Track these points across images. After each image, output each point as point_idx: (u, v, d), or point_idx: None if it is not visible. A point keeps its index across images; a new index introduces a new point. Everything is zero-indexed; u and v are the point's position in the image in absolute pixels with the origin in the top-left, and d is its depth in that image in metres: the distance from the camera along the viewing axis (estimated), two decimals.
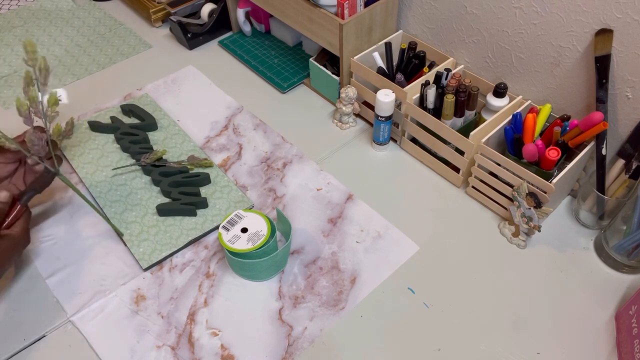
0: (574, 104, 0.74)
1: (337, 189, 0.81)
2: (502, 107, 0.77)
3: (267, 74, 1.02)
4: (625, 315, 0.64)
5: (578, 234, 0.76)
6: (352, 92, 0.87)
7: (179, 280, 0.71)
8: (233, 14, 1.09)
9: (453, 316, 0.67)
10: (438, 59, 0.87)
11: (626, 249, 0.68)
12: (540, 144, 0.69)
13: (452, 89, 0.76)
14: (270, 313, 0.67)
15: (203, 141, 0.90)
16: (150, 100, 0.96)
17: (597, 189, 0.71)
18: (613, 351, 0.63)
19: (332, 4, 0.82)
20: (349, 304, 0.68)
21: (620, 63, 0.66)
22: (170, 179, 0.79)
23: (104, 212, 0.77)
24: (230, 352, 0.64)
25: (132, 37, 1.13)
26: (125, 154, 0.86)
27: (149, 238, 0.74)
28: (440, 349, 0.64)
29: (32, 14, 1.18)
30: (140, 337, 0.65)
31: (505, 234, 0.75)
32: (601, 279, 0.70)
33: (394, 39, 0.89)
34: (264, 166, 0.85)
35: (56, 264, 0.72)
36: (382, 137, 0.85)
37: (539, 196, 0.68)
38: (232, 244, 0.66)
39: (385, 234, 0.75)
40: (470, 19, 0.80)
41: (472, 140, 0.74)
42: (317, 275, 0.71)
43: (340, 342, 0.64)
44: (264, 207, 0.79)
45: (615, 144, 0.72)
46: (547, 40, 0.72)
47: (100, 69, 1.05)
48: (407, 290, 0.69)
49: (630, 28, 0.63)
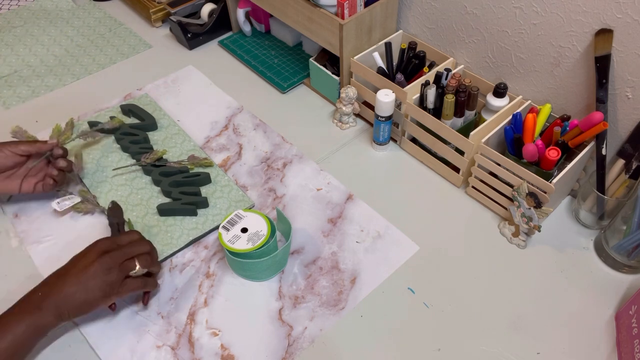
0: (574, 104, 0.74)
1: (337, 189, 0.81)
2: (502, 107, 0.77)
3: (267, 74, 1.02)
4: (625, 315, 0.64)
5: (578, 234, 0.76)
6: (352, 92, 0.87)
7: (179, 280, 0.71)
8: (233, 14, 1.09)
9: (453, 316, 0.67)
10: (438, 59, 0.87)
11: (626, 249, 0.68)
12: (540, 144, 0.69)
13: (452, 89, 0.76)
14: (270, 313, 0.67)
15: (203, 141, 0.90)
16: (150, 100, 0.96)
17: (597, 189, 0.71)
18: (613, 351, 0.63)
19: (332, 4, 0.82)
20: (349, 304, 0.68)
21: (620, 63, 0.66)
22: (171, 179, 0.79)
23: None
24: (230, 352, 0.64)
25: (132, 37, 1.13)
26: (126, 154, 0.86)
27: (150, 238, 0.74)
28: (440, 349, 0.64)
29: (32, 14, 1.18)
30: (140, 337, 0.65)
31: (505, 234, 0.75)
32: (601, 279, 0.70)
33: (394, 39, 0.89)
34: (264, 166, 0.85)
35: (56, 264, 0.72)
36: (382, 137, 0.85)
37: (539, 196, 0.68)
38: (232, 244, 0.66)
39: (385, 234, 0.75)
40: (470, 19, 0.80)
41: (472, 140, 0.74)
42: (317, 275, 0.71)
43: (340, 342, 0.64)
44: (264, 207, 0.79)
45: (615, 144, 0.72)
46: (547, 40, 0.72)
47: (100, 69, 1.05)
48: (407, 290, 0.69)
49: (630, 28, 0.63)
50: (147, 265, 0.64)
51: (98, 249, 0.62)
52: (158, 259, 0.69)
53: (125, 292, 0.62)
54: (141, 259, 0.64)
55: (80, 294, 0.59)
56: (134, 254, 0.64)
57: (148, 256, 0.65)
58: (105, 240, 0.64)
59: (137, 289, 0.64)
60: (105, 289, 0.60)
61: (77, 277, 0.60)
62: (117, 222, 0.75)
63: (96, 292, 0.60)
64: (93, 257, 0.61)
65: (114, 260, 0.61)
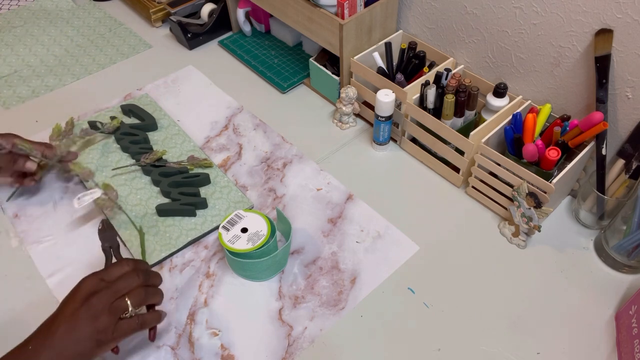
0: (574, 104, 0.74)
1: (337, 189, 0.81)
2: (502, 107, 0.77)
3: (267, 74, 1.02)
4: (625, 315, 0.64)
5: (578, 234, 0.76)
6: (352, 92, 0.87)
7: (179, 280, 0.71)
8: (233, 14, 1.09)
9: (453, 316, 0.67)
10: (438, 59, 0.87)
11: (626, 249, 0.68)
12: (540, 144, 0.69)
13: (452, 89, 0.76)
14: (270, 313, 0.67)
15: (203, 141, 0.90)
16: (150, 100, 0.96)
17: (597, 189, 0.71)
18: (613, 351, 0.63)
19: (332, 4, 0.82)
20: (349, 304, 0.68)
21: (620, 63, 0.66)
22: (170, 179, 0.79)
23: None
24: (230, 352, 0.64)
25: (132, 37, 1.13)
26: (125, 154, 0.86)
27: (148, 238, 0.74)
28: (440, 349, 0.64)
29: (32, 14, 1.18)
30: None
31: (505, 234, 0.75)
32: (601, 279, 0.70)
33: (394, 39, 0.89)
34: (264, 166, 0.85)
35: (56, 264, 0.72)
36: (382, 137, 0.85)
37: (539, 196, 0.68)
38: (232, 244, 0.66)
39: (385, 234, 0.75)
40: (470, 19, 0.80)
41: (472, 140, 0.74)
42: (317, 275, 0.71)
43: (340, 342, 0.64)
44: (264, 207, 0.79)
45: (615, 144, 0.72)
46: (547, 40, 0.72)
47: (100, 69, 1.05)
48: (407, 290, 0.69)
49: (630, 28, 0.63)
50: (141, 301, 0.57)
51: (84, 291, 0.55)
52: (161, 282, 0.62)
53: (120, 336, 0.55)
54: (134, 295, 0.56)
55: (72, 346, 0.52)
56: (124, 290, 0.56)
57: (142, 290, 0.57)
58: (92, 278, 0.56)
59: (133, 330, 0.56)
60: (97, 337, 0.53)
61: (65, 327, 0.53)
62: (110, 247, 0.67)
63: (87, 343, 0.53)
64: (79, 301, 0.54)
65: (101, 303, 0.54)
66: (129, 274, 0.57)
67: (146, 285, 0.58)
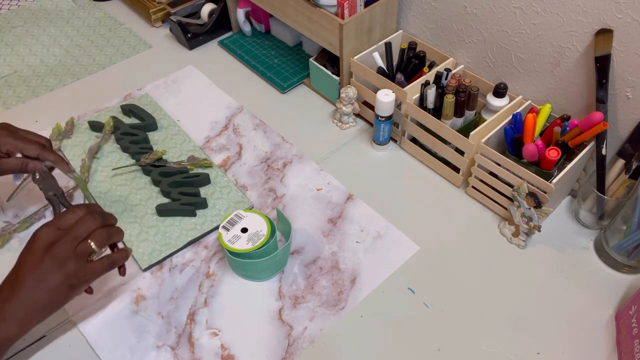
0: (574, 104, 0.74)
1: (337, 189, 0.81)
2: (502, 107, 0.77)
3: (267, 74, 1.02)
4: (625, 315, 0.64)
5: (578, 234, 0.76)
6: (352, 92, 0.87)
7: (179, 280, 0.71)
8: (233, 14, 1.09)
9: (453, 316, 0.67)
10: (438, 59, 0.87)
11: (626, 249, 0.68)
12: (540, 144, 0.69)
13: (452, 89, 0.76)
14: (270, 313, 0.67)
15: (203, 141, 0.90)
16: (150, 100, 0.96)
17: (597, 189, 0.71)
18: (613, 351, 0.63)
19: (332, 4, 0.82)
20: (349, 304, 0.68)
21: (620, 63, 0.66)
22: (170, 179, 0.79)
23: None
24: (230, 352, 0.64)
25: (132, 37, 1.13)
26: (125, 154, 0.86)
27: (148, 238, 0.74)
28: (440, 349, 0.64)
29: (32, 14, 1.18)
30: (140, 337, 0.65)
31: (505, 234, 0.75)
32: (601, 279, 0.70)
33: (394, 39, 0.89)
34: (264, 166, 0.85)
35: None
36: (382, 137, 0.85)
37: (539, 196, 0.68)
38: (232, 244, 0.66)
39: (385, 234, 0.75)
40: (470, 19, 0.80)
41: (472, 140, 0.74)
42: (317, 275, 0.71)
43: (340, 342, 0.64)
44: (264, 207, 0.79)
45: (615, 144, 0.72)
46: (547, 40, 0.72)
47: (100, 69, 1.05)
48: (407, 290, 0.69)
49: (630, 28, 0.63)
50: (104, 241, 0.57)
51: (42, 242, 0.54)
52: (116, 221, 0.60)
53: (93, 278, 0.56)
54: (95, 236, 0.56)
55: (44, 295, 0.53)
56: (85, 234, 0.55)
57: (103, 230, 0.57)
58: (47, 229, 0.55)
59: (105, 270, 0.57)
60: (69, 282, 0.54)
61: (32, 280, 0.53)
62: (54, 194, 0.65)
63: (60, 289, 0.53)
64: (40, 253, 0.53)
65: (65, 250, 0.53)
66: (84, 218, 0.56)
67: (105, 226, 0.58)
